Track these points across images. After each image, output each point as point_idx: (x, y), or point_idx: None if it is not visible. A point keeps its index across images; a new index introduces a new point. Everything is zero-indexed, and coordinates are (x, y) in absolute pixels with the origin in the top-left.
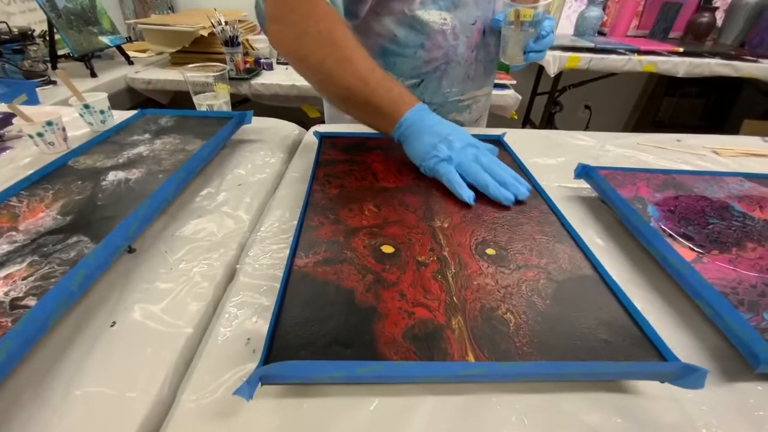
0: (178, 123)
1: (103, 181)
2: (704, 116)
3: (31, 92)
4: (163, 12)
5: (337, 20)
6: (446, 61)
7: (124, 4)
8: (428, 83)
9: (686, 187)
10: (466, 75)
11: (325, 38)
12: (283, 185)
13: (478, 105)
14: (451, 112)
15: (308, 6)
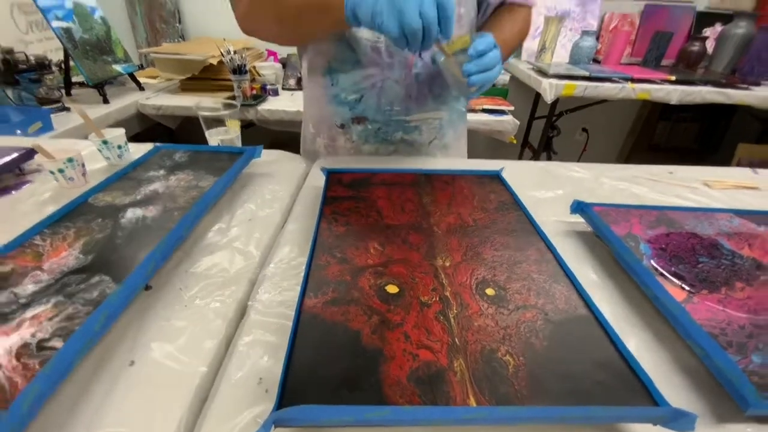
0: (191, 158)
1: (122, 218)
2: (699, 140)
3: (45, 119)
4: (175, 40)
5: None
6: (382, 78)
7: (137, 32)
8: (368, 99)
9: (677, 224)
10: (407, 94)
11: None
12: (290, 220)
13: (430, 127)
14: (397, 131)
15: None
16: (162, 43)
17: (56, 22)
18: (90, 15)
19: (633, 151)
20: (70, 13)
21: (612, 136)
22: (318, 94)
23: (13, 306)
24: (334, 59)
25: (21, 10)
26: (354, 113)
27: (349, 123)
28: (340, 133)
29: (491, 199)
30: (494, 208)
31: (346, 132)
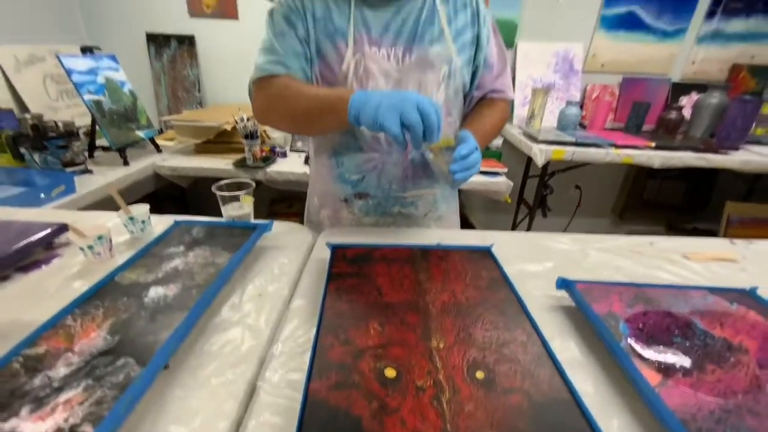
0: (208, 233)
1: (145, 297)
2: (688, 197)
3: (69, 183)
4: (193, 107)
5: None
6: (382, 161)
7: (160, 100)
8: (369, 179)
9: (655, 302)
10: (404, 175)
11: (280, 93)
12: (297, 294)
13: (425, 202)
14: (395, 206)
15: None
16: (182, 109)
17: (88, 96)
18: (120, 88)
19: (627, 207)
20: (102, 87)
21: (605, 191)
22: (324, 173)
23: (47, 390)
24: (339, 145)
25: (53, 80)
26: (356, 190)
27: (351, 198)
28: (344, 207)
29: (482, 276)
30: (485, 285)
31: (348, 206)
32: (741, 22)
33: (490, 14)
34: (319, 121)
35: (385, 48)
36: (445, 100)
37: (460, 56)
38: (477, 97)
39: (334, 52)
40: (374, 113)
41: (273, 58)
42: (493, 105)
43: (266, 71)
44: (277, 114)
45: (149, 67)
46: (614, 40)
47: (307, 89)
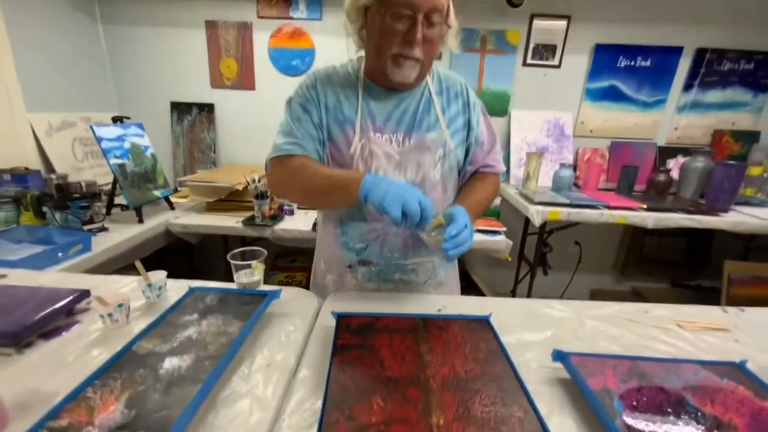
0: (221, 301)
1: (160, 368)
2: (689, 253)
3: (86, 242)
4: (208, 166)
5: (306, 159)
6: (384, 232)
7: (177, 161)
8: (372, 248)
9: (648, 377)
10: (405, 244)
11: (297, 170)
12: (303, 364)
13: (425, 269)
14: (396, 273)
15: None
16: (197, 169)
17: (114, 160)
18: (143, 152)
19: (627, 263)
20: (127, 152)
21: (605, 247)
22: (330, 240)
23: None
24: (345, 215)
25: (81, 142)
26: (360, 257)
27: (355, 265)
28: (348, 272)
29: (481, 348)
30: (484, 357)
31: (353, 272)
32: (718, 93)
33: (480, 101)
34: (332, 197)
35: (387, 134)
36: (441, 176)
37: (454, 139)
38: (470, 171)
39: (343, 137)
40: (381, 198)
41: (291, 140)
42: (485, 178)
43: (284, 151)
44: (292, 189)
45: (170, 130)
46: (600, 109)
47: (322, 169)
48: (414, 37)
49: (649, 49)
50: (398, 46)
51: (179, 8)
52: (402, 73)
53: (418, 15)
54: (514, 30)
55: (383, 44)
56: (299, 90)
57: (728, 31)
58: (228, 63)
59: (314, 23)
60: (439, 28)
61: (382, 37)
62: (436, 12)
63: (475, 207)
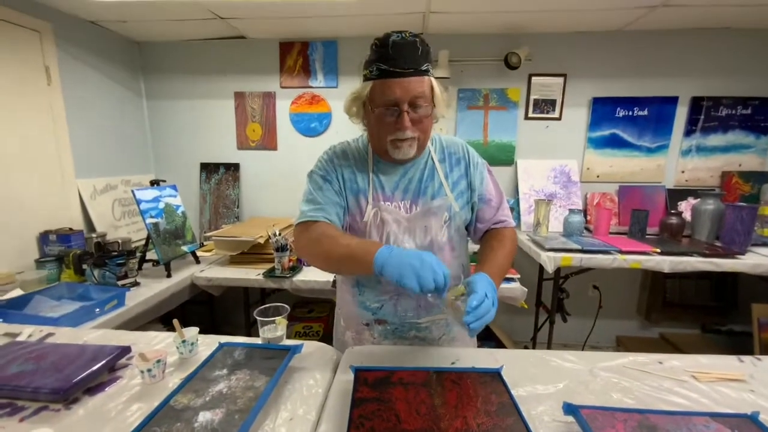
0: (248, 356)
1: (195, 423)
2: (715, 296)
3: (120, 298)
4: (231, 221)
5: (330, 226)
6: (398, 293)
7: (203, 216)
8: (386, 307)
9: (658, 430)
10: (417, 304)
11: (319, 239)
12: (324, 418)
13: (438, 326)
14: (411, 330)
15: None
16: (221, 223)
17: (149, 219)
18: (175, 211)
19: (652, 308)
20: (161, 212)
21: (625, 291)
22: (348, 299)
23: None
24: (361, 277)
25: (120, 203)
26: (376, 316)
27: (372, 323)
28: (365, 330)
29: (492, 401)
30: (495, 411)
31: (370, 329)
32: (720, 137)
33: (483, 161)
34: (349, 268)
35: (396, 202)
36: (448, 238)
37: (458, 201)
38: (482, 230)
39: (357, 207)
40: (398, 275)
41: (315, 207)
42: (499, 236)
43: (309, 217)
44: (314, 256)
45: (199, 188)
46: (604, 156)
47: (341, 239)
48: (403, 124)
49: (646, 100)
50: (392, 133)
51: (212, 81)
52: (402, 152)
53: (403, 106)
54: (514, 88)
55: (380, 133)
56: (319, 164)
57: (720, 80)
58: (253, 127)
59: (331, 90)
60: (426, 108)
61: (378, 127)
62: (418, 98)
63: (496, 269)
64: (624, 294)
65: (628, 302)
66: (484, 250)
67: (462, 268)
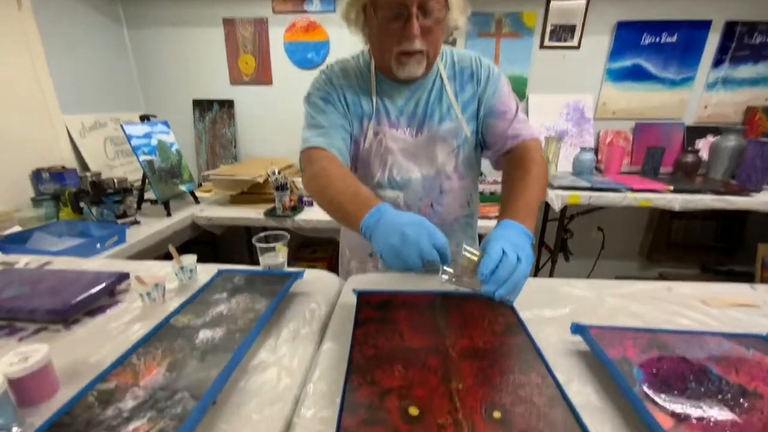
0: (248, 281)
1: (196, 339)
2: (719, 237)
3: (120, 234)
4: (229, 161)
5: (332, 160)
6: None
7: (200, 156)
8: None
9: (669, 348)
10: None
11: (317, 176)
12: (327, 337)
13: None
14: None
15: (313, 156)
16: (219, 164)
17: (143, 156)
18: (169, 148)
19: (654, 249)
20: (154, 149)
21: (629, 233)
22: None
23: (118, 419)
24: None
25: (112, 142)
26: None
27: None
28: (369, 260)
29: (499, 322)
30: (502, 330)
31: (373, 259)
32: (749, 68)
33: (499, 72)
34: (342, 222)
35: (401, 129)
36: (455, 168)
37: (469, 125)
38: (498, 151)
39: (360, 132)
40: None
41: (318, 132)
42: (519, 160)
43: (312, 144)
44: (314, 195)
45: (193, 128)
46: (623, 90)
47: (338, 183)
48: (411, 32)
49: (675, 25)
50: (398, 44)
51: (198, 7)
52: (407, 70)
53: (412, 8)
54: (530, 12)
55: (384, 45)
56: (317, 85)
57: (758, 2)
58: (246, 59)
59: (328, 15)
60: (439, 13)
61: (381, 37)
62: (429, 1)
63: (523, 207)
64: (627, 236)
65: (630, 244)
66: (503, 188)
67: (469, 205)
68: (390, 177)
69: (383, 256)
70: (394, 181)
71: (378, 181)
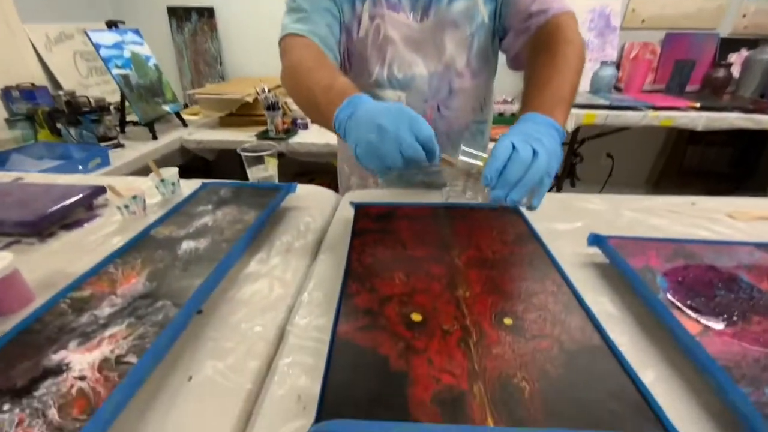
0: (235, 194)
1: (179, 250)
2: (733, 164)
3: (103, 156)
4: (215, 81)
5: (312, 48)
6: None
7: (184, 75)
8: None
9: (696, 257)
10: None
11: (293, 69)
12: (323, 250)
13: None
14: (418, 175)
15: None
16: (205, 83)
17: (116, 70)
18: (145, 63)
19: (663, 176)
20: (128, 61)
21: (639, 160)
22: None
23: (94, 326)
24: None
25: (83, 57)
26: None
27: None
28: (369, 176)
29: (509, 232)
30: (512, 240)
31: (374, 176)
32: None
33: None
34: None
35: (403, 11)
36: (468, 61)
37: (487, 6)
38: (521, 34)
39: (352, 14)
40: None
41: (298, 17)
42: (549, 45)
43: (290, 31)
44: (289, 91)
45: (171, 41)
46: None
47: (315, 74)
48: None
49: None
50: None
51: None
52: None
53: None
54: None
55: None
56: None
57: None
58: None
59: None
60: None
61: None
62: None
63: (545, 98)
64: (637, 164)
65: (638, 172)
66: (525, 79)
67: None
68: (390, 74)
69: (358, 156)
70: (394, 79)
71: (376, 79)
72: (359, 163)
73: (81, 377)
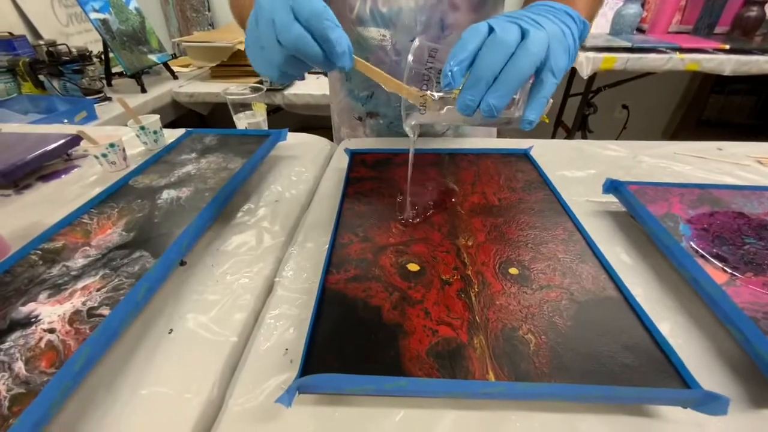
0: (221, 142)
1: (159, 199)
2: (755, 115)
3: (89, 109)
4: (205, 28)
5: None
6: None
7: (170, 23)
8: (378, 96)
9: (723, 203)
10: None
11: None
12: (315, 200)
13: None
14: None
15: None
16: (193, 31)
17: (94, 14)
18: (125, 6)
19: (680, 128)
20: (106, 4)
21: (656, 112)
22: (337, 88)
23: (66, 278)
24: None
25: (61, 3)
26: (367, 108)
27: (364, 116)
28: (359, 125)
29: (518, 178)
30: (521, 187)
31: (363, 124)
32: None
33: None
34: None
35: None
36: None
37: None
38: None
39: None
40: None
41: None
42: None
43: None
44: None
45: None
46: None
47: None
48: None
49: None
50: None
51: None
52: None
53: None
54: None
55: None
56: None
57: None
58: None
59: None
60: None
61: None
62: None
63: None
64: (653, 115)
65: (654, 124)
66: None
67: None
68: (373, 7)
69: (248, 57)
70: (378, 14)
71: (358, 15)
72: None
73: (50, 330)
